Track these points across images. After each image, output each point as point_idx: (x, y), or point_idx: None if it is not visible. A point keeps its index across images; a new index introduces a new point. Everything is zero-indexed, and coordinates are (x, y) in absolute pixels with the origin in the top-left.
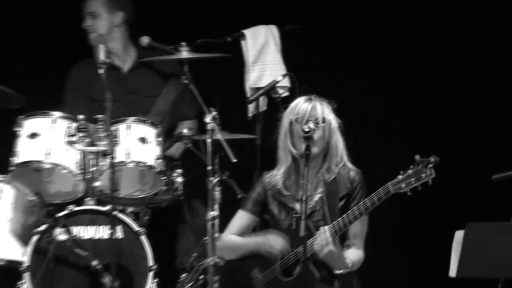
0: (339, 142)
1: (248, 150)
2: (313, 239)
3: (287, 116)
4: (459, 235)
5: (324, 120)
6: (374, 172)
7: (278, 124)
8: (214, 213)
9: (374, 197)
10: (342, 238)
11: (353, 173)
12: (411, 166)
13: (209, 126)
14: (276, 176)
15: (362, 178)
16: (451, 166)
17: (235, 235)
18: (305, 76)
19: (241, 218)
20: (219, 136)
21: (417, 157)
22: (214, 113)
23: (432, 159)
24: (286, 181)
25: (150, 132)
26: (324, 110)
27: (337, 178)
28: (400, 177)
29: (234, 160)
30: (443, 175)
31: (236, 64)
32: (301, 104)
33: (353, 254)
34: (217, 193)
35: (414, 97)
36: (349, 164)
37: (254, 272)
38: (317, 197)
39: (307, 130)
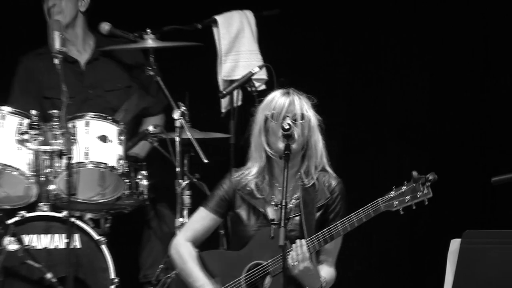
0: (318, 141)
1: (221, 149)
2: (288, 252)
3: (262, 111)
4: (454, 244)
5: (303, 117)
6: (358, 182)
7: (252, 120)
8: (183, 219)
9: (361, 214)
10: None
11: (333, 182)
12: (406, 182)
13: (177, 123)
14: (248, 175)
15: (343, 189)
16: (445, 166)
17: (189, 247)
18: (283, 67)
19: (202, 218)
20: (188, 134)
21: (414, 173)
22: (183, 108)
23: (430, 177)
24: (258, 182)
25: (111, 130)
26: (303, 105)
27: (316, 185)
28: (392, 193)
29: (206, 161)
30: (442, 180)
31: (207, 54)
32: (277, 98)
33: (326, 272)
34: (186, 198)
35: (403, 96)
36: (329, 170)
37: (215, 281)
38: (292, 203)
39: (287, 127)
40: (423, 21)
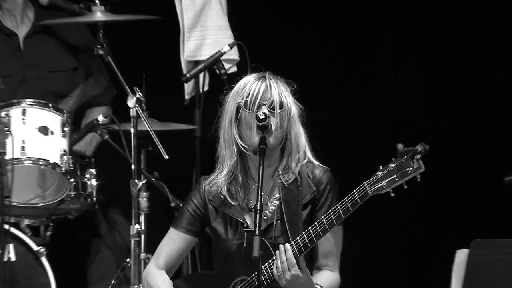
0: (300, 134)
1: (185, 144)
2: (271, 261)
3: (233, 98)
4: (461, 255)
5: (281, 105)
6: (347, 171)
7: (221, 109)
8: (139, 227)
9: (346, 202)
10: (310, 259)
11: (319, 172)
12: (393, 159)
13: (132, 112)
14: (218, 180)
15: (331, 178)
16: (447, 166)
17: (163, 276)
18: (258, 46)
19: (173, 241)
20: (146, 125)
21: (399, 146)
22: (139, 94)
23: (419, 148)
24: (231, 185)
25: (53, 120)
26: (281, 91)
27: (299, 180)
28: (379, 173)
29: (166, 157)
30: (436, 177)
31: (167, 30)
32: (251, 83)
33: (326, 279)
34: (143, 201)
35: (395, 79)
36: (314, 161)
37: None
38: (273, 205)
39: (262, 117)
40: (417, 18)
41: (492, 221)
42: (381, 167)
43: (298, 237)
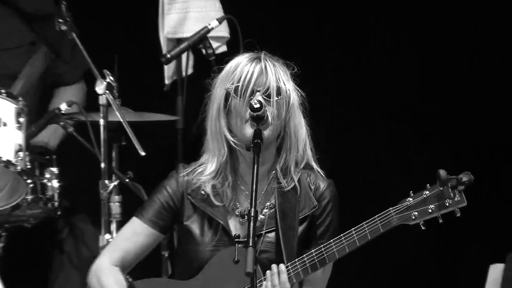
0: (301, 127)
1: (165, 137)
2: (258, 282)
3: (222, 83)
4: (496, 270)
5: (279, 91)
6: (342, 154)
7: (207, 96)
8: (110, 237)
9: (364, 228)
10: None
11: (322, 184)
12: (428, 186)
13: (102, 100)
14: (202, 175)
15: (335, 193)
16: (435, 146)
17: (116, 273)
18: (252, 21)
19: (135, 234)
20: (118, 115)
21: (441, 172)
22: (110, 78)
23: (464, 177)
24: (217, 184)
25: (6, 109)
26: (279, 75)
27: (298, 189)
28: (410, 200)
29: (143, 154)
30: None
31: (144, 1)
32: (243, 65)
33: None
34: (115, 206)
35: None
36: (316, 167)
37: None
38: (265, 213)
39: (257, 105)
40: (413, 4)
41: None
42: (412, 193)
43: (296, 260)
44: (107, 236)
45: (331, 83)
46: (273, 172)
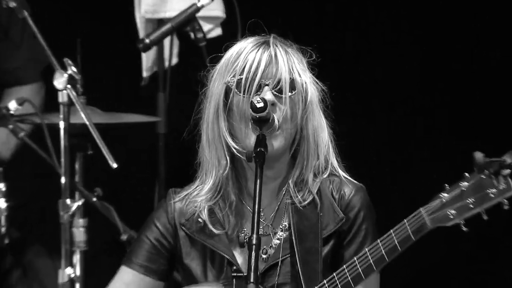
0: (321, 130)
1: (143, 145)
2: None
3: (220, 76)
4: None
5: (293, 85)
6: (341, 147)
7: (203, 93)
8: (72, 271)
9: (392, 237)
10: None
11: (348, 191)
12: (466, 175)
13: (62, 97)
14: (197, 197)
15: (367, 201)
16: (435, 137)
17: None
18: (251, 12)
19: (125, 285)
20: (83, 116)
21: (478, 156)
22: (73, 70)
23: (508, 159)
24: (215, 206)
25: None
26: (293, 64)
27: (318, 201)
28: (445, 196)
29: (115, 166)
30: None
31: None
32: (247, 52)
33: None
34: (79, 232)
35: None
36: (342, 173)
37: None
38: (279, 237)
39: (260, 104)
40: None
41: None
42: (447, 187)
43: (321, 284)
44: (69, 270)
45: (331, 74)
46: (285, 187)
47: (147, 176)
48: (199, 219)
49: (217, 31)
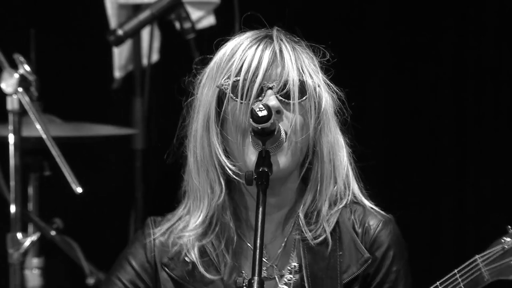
0: (339, 147)
1: (116, 164)
2: None
3: (212, 79)
4: None
5: (303, 88)
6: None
7: (188, 103)
8: None
9: None
10: None
11: (374, 224)
12: None
13: (12, 104)
14: (184, 231)
15: (397, 236)
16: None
17: None
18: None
19: None
20: (39, 128)
21: None
22: (26, 68)
23: None
24: (208, 243)
25: None
26: (302, 64)
27: (336, 237)
28: (508, 241)
29: (79, 191)
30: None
31: None
32: (245, 48)
33: None
34: (32, 275)
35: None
36: (366, 202)
37: None
38: (287, 281)
39: (262, 113)
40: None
41: None
42: (510, 229)
43: None
44: None
45: (350, 80)
46: (294, 218)
47: (120, 203)
48: (186, 259)
49: (209, 20)
